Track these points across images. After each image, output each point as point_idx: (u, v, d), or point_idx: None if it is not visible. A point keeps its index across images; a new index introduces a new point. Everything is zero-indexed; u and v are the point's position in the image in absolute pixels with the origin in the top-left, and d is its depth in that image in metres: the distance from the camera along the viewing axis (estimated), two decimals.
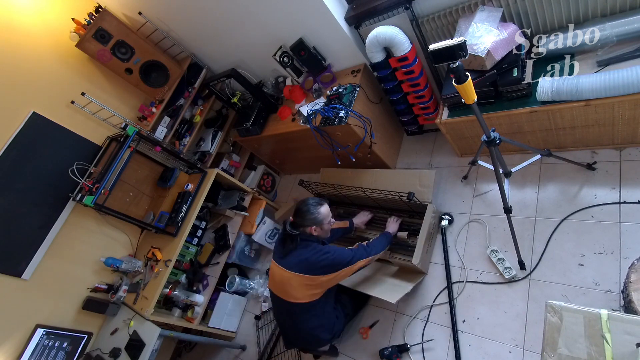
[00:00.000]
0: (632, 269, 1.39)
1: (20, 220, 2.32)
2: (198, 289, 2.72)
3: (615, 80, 1.50)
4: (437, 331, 1.95)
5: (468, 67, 1.81)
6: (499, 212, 1.93)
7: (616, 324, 1.11)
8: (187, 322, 2.56)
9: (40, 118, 2.43)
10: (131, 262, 2.62)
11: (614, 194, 1.79)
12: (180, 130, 3.00)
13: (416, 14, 1.98)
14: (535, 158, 1.75)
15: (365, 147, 2.36)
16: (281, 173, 3.53)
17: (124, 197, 2.80)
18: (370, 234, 2.40)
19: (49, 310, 2.40)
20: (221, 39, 2.71)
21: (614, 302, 1.58)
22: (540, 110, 1.75)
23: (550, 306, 1.23)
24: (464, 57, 1.24)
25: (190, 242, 2.76)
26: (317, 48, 2.40)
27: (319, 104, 2.41)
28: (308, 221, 1.86)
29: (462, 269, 2.04)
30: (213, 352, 2.86)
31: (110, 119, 2.68)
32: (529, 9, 1.77)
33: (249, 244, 2.96)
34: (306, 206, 1.88)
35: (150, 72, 2.82)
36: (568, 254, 1.78)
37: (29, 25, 2.46)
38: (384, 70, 2.18)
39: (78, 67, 2.66)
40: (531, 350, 1.67)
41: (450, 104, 2.02)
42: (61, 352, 2.35)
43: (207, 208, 2.98)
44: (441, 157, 2.49)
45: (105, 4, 2.73)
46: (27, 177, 2.36)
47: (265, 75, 2.90)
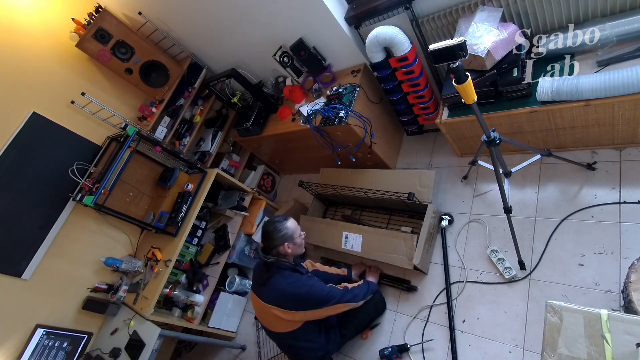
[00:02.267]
0: (632, 269, 1.39)
1: (20, 220, 2.32)
2: (198, 289, 2.72)
3: (615, 80, 1.50)
4: (437, 331, 1.95)
5: (468, 67, 1.81)
6: (499, 212, 1.93)
7: (616, 324, 1.11)
8: (187, 322, 2.56)
9: (40, 118, 2.43)
10: (131, 262, 2.62)
11: (614, 194, 1.79)
12: (180, 130, 3.00)
13: (416, 14, 1.98)
14: (535, 158, 1.75)
15: (365, 147, 2.36)
16: (281, 173, 3.53)
17: (124, 197, 2.80)
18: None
19: (49, 310, 2.40)
20: (221, 39, 2.71)
21: (614, 302, 1.58)
22: (540, 110, 1.75)
23: (550, 306, 1.23)
24: (464, 57, 1.24)
25: (190, 242, 2.76)
26: (317, 48, 2.40)
27: (319, 104, 2.41)
28: (278, 240, 1.80)
29: (462, 269, 2.04)
30: (213, 352, 2.86)
31: (110, 119, 2.68)
32: (529, 9, 1.77)
33: (249, 244, 2.96)
34: (272, 225, 1.83)
35: (150, 72, 2.82)
36: (568, 254, 1.78)
37: (29, 25, 2.46)
38: (384, 70, 2.18)
39: (78, 67, 2.66)
40: (531, 350, 1.67)
41: (450, 104, 2.02)
42: (61, 352, 2.35)
43: (207, 208, 2.98)
44: (441, 157, 2.49)
45: (105, 4, 2.73)
46: (27, 177, 2.36)
47: (265, 75, 2.90)
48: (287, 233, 1.81)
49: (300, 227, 1.93)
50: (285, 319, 1.79)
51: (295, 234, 1.85)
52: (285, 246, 1.81)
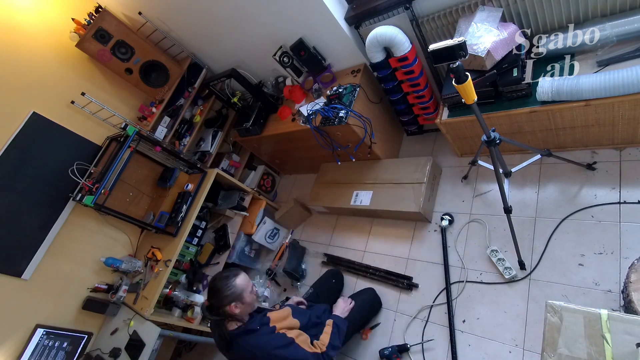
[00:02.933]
0: (632, 269, 1.39)
1: (20, 220, 2.32)
2: (198, 289, 2.72)
3: (615, 80, 1.50)
4: (437, 331, 1.95)
5: (468, 67, 1.81)
6: (499, 212, 1.93)
7: (616, 324, 1.11)
8: (187, 322, 2.56)
9: (40, 118, 2.43)
10: (131, 262, 2.62)
11: (614, 194, 1.79)
12: (180, 130, 3.00)
13: (416, 14, 1.98)
14: (535, 158, 1.75)
15: (365, 147, 2.36)
16: (281, 173, 3.53)
17: (124, 197, 2.80)
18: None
19: (49, 310, 2.40)
20: (221, 39, 2.71)
21: (614, 302, 1.58)
22: (540, 110, 1.75)
23: (550, 306, 1.23)
24: (464, 57, 1.24)
25: (190, 242, 2.76)
26: (317, 48, 2.40)
27: (319, 104, 2.41)
28: (225, 300, 1.57)
29: (462, 269, 2.04)
30: (213, 352, 2.86)
31: (110, 119, 2.68)
32: (529, 9, 1.77)
33: (249, 244, 2.96)
34: (219, 283, 1.60)
35: (150, 72, 2.82)
36: (568, 254, 1.78)
37: (29, 25, 2.46)
38: (384, 70, 2.18)
39: (78, 67, 2.66)
40: (531, 350, 1.67)
41: (450, 104, 2.02)
42: (61, 352, 2.35)
43: (207, 208, 2.98)
44: (441, 157, 2.49)
45: (105, 4, 2.73)
46: (27, 177, 2.36)
47: (265, 75, 2.90)
48: (234, 292, 1.59)
49: (251, 284, 1.69)
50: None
51: (245, 292, 1.62)
52: (232, 306, 1.58)
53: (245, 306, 1.63)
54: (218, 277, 1.65)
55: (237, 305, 1.59)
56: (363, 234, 2.57)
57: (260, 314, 1.72)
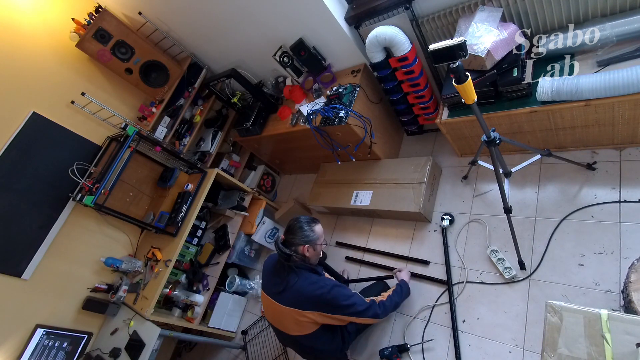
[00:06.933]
0: (632, 269, 1.39)
1: (20, 220, 2.32)
2: (198, 289, 2.72)
3: (615, 80, 1.50)
4: (437, 331, 1.95)
5: (468, 67, 1.81)
6: (499, 212, 1.93)
7: (616, 324, 1.11)
8: (187, 322, 2.56)
9: (40, 118, 2.43)
10: (131, 262, 2.62)
11: (614, 193, 1.79)
12: (180, 130, 3.00)
13: (416, 14, 1.98)
14: (535, 158, 1.75)
15: (365, 147, 2.36)
16: (281, 173, 3.53)
17: (124, 197, 2.80)
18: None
19: (49, 310, 2.40)
20: (221, 39, 2.71)
21: (614, 302, 1.58)
22: (540, 110, 1.75)
23: (550, 306, 1.23)
24: (464, 57, 1.24)
25: (190, 242, 2.76)
26: (317, 48, 2.40)
27: (319, 104, 2.41)
28: (301, 238, 1.74)
29: (462, 269, 2.04)
30: (213, 352, 2.86)
31: (110, 119, 2.68)
32: (529, 9, 1.77)
33: (249, 244, 2.96)
34: (299, 223, 1.78)
35: (150, 72, 2.82)
36: (568, 254, 1.78)
37: (29, 25, 2.46)
38: (384, 70, 2.17)
39: (78, 67, 2.66)
40: (531, 350, 1.67)
41: (450, 104, 2.02)
42: (61, 352, 2.35)
43: (207, 208, 2.98)
44: (441, 157, 2.49)
45: (105, 4, 2.73)
46: (27, 177, 2.36)
47: (265, 75, 2.90)
48: (310, 236, 1.76)
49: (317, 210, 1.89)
50: (302, 320, 1.72)
51: (318, 240, 1.79)
52: (304, 248, 1.75)
53: (314, 254, 1.79)
54: (300, 218, 1.81)
55: (308, 249, 1.76)
56: (363, 234, 2.57)
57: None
